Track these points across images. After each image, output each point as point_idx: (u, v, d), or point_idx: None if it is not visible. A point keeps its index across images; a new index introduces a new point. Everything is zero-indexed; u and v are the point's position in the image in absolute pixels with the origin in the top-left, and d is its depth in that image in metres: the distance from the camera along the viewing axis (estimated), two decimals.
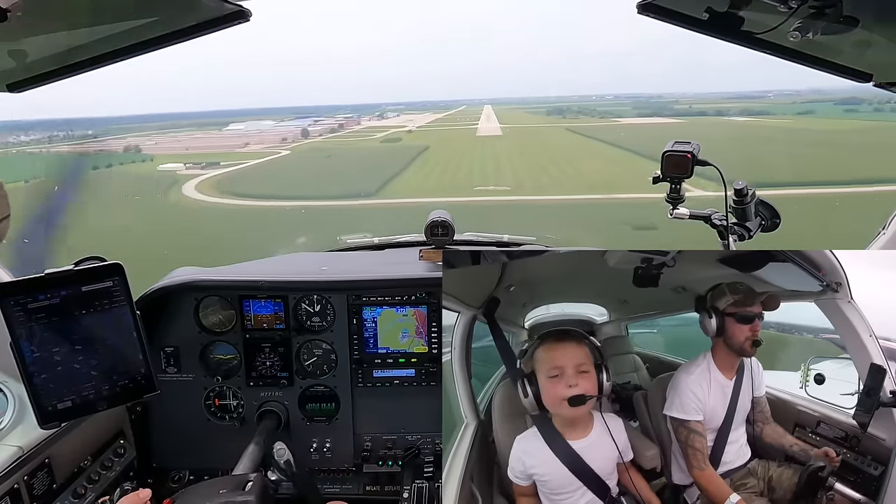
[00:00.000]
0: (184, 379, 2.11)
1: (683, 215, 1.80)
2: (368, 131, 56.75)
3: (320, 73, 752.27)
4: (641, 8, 1.35)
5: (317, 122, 58.44)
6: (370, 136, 53.03)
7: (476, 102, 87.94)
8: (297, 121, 58.67)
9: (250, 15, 1.41)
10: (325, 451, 2.12)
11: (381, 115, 68.61)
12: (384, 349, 2.11)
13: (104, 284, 1.44)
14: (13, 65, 1.43)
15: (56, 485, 1.62)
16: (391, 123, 61.56)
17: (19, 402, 1.62)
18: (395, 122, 62.79)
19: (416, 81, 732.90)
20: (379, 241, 2.67)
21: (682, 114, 54.87)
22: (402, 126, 58.79)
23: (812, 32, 1.15)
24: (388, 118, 66.55)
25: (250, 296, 2.08)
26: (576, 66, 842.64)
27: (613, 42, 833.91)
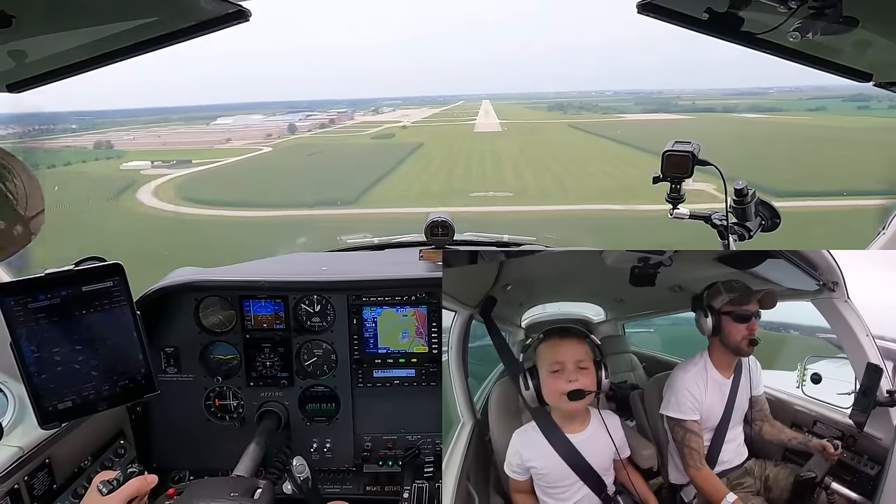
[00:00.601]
0: (184, 379, 2.11)
1: (683, 215, 1.81)
2: (361, 127, 54.16)
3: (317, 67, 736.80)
4: (641, 8, 1.36)
5: (308, 117, 56.76)
6: (361, 132, 50.40)
7: (474, 97, 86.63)
8: (289, 115, 57.13)
9: (250, 15, 1.42)
10: (326, 451, 2.12)
11: (377, 109, 67.25)
12: (384, 349, 2.11)
13: (104, 284, 1.45)
14: (13, 65, 1.43)
15: (56, 485, 1.63)
16: (386, 119, 60.20)
17: (19, 402, 1.63)
18: (391, 117, 61.54)
19: (412, 75, 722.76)
20: (379, 242, 2.68)
21: (686, 110, 53.70)
22: (397, 121, 56.73)
23: (812, 32, 1.15)
24: (383, 113, 65.10)
25: (250, 296, 2.09)
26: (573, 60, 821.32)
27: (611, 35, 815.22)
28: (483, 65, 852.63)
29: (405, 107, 71.50)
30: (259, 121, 53.90)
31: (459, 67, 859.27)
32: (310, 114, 59.62)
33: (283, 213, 22.99)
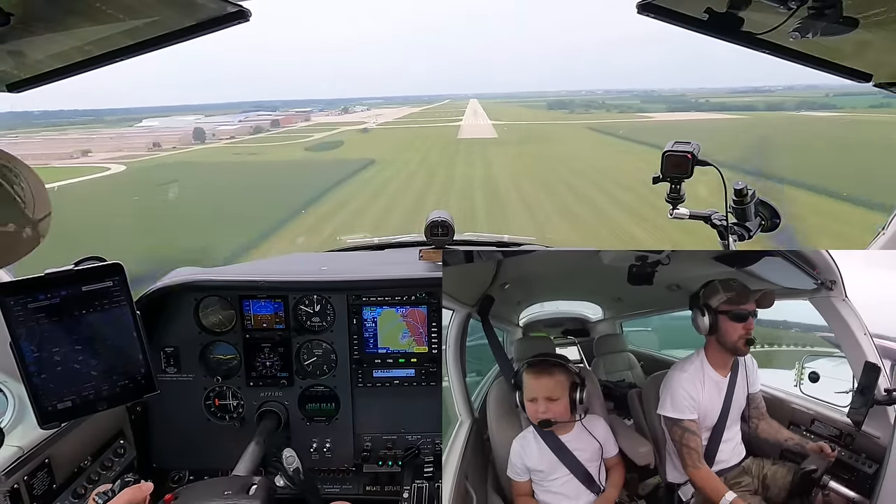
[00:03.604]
0: (184, 379, 2.11)
1: (683, 215, 1.82)
2: (310, 130, 42.72)
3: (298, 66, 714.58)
4: (641, 8, 1.36)
5: (247, 119, 50.59)
6: (301, 139, 37.83)
7: (461, 97, 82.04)
8: (227, 116, 51.76)
9: (250, 15, 1.42)
10: (325, 451, 2.13)
11: (345, 109, 63.85)
12: (384, 349, 2.12)
13: (104, 284, 1.45)
14: (13, 65, 1.43)
15: (56, 485, 1.63)
16: (351, 119, 55.88)
17: (19, 402, 1.64)
18: (359, 117, 57.85)
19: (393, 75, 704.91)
20: (379, 241, 2.69)
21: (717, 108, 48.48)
22: (361, 123, 51.40)
23: (812, 33, 1.15)
24: (354, 112, 61.38)
25: (250, 296, 2.09)
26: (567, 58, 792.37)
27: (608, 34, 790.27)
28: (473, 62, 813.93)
29: (386, 106, 66.32)
30: (190, 122, 46.72)
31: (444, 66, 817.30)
32: (251, 114, 53.64)
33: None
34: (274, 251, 17.11)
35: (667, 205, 1.81)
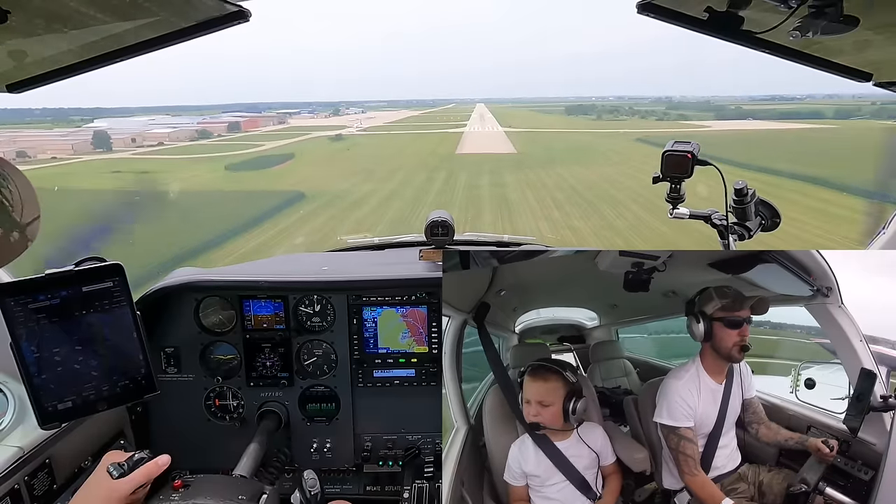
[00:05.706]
0: (184, 379, 2.12)
1: (683, 215, 1.81)
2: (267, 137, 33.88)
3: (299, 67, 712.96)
4: (641, 8, 1.35)
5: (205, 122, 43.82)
6: (240, 150, 28.98)
7: (468, 101, 77.59)
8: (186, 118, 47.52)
9: (250, 15, 1.42)
10: (326, 451, 2.14)
11: (336, 111, 61.62)
12: (384, 349, 2.12)
13: (104, 285, 1.45)
14: (13, 65, 1.43)
15: (56, 485, 1.64)
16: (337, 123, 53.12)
17: (19, 402, 1.64)
18: (347, 119, 55.48)
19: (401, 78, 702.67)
20: (379, 241, 2.69)
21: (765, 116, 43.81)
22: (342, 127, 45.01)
23: (812, 32, 1.14)
24: (346, 114, 59.13)
25: (250, 296, 2.09)
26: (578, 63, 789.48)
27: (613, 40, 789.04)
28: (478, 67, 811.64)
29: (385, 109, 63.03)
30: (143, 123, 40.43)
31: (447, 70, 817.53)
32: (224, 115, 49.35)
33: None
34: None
35: None
